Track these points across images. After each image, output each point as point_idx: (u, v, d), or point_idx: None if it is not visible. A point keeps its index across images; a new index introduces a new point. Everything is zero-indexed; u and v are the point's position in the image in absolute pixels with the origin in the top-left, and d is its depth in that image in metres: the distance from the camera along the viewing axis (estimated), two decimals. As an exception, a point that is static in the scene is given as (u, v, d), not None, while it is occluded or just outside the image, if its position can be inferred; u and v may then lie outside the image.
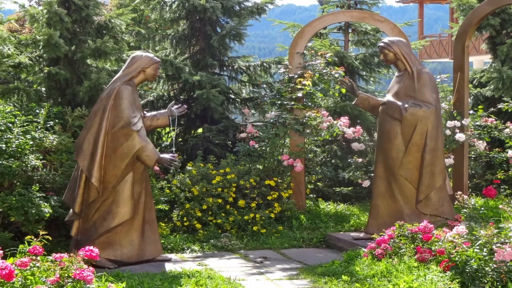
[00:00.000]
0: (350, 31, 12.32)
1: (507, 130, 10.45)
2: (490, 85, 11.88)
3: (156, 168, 9.22)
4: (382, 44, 8.46)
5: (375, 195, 8.50)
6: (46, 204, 7.40)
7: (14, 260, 5.58)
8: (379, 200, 8.45)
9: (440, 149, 8.34)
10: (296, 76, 9.70)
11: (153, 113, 7.87)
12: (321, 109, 9.99)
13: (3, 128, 7.65)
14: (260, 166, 9.62)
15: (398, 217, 7.98)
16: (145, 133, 7.44)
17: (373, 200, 8.53)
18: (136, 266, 7.33)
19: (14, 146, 7.52)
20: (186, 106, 8.07)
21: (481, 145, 10.25)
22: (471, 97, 11.99)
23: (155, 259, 7.61)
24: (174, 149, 8.23)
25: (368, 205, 9.76)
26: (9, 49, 9.37)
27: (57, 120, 8.75)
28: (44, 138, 8.02)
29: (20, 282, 5.34)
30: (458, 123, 9.66)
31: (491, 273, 5.86)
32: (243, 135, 10.07)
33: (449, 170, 9.99)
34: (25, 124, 8.02)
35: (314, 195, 10.67)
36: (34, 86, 9.78)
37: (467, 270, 5.96)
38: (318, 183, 11.16)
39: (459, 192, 7.26)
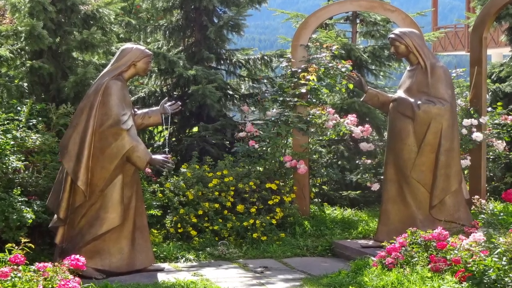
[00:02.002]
0: (358, 21, 12.33)
1: (528, 129, 10.46)
2: (510, 80, 11.90)
3: (148, 170, 9.22)
4: (393, 35, 8.47)
5: (385, 200, 8.51)
6: (28, 209, 7.41)
7: (-6, 270, 5.59)
8: (390, 205, 8.45)
9: (455, 150, 8.34)
10: (299, 70, 9.71)
11: (145, 110, 7.87)
12: (327, 106, 10.00)
13: (-19, 127, 7.67)
14: (260, 168, 9.62)
15: (410, 223, 7.98)
16: (136, 132, 7.44)
17: (383, 205, 8.53)
18: (126, 276, 7.33)
19: (-7, 146, 7.53)
20: (180, 103, 8.08)
21: (500, 145, 10.24)
22: (489, 93, 11.99)
23: (146, 269, 7.61)
24: (167, 149, 8.24)
25: (377, 210, 9.76)
26: (-13, 41, 9.39)
27: (40, 118, 8.75)
28: (26, 138, 8.02)
29: (0, 294, 5.35)
30: (475, 121, 9.65)
31: (511, 283, 5.86)
32: (242, 134, 10.06)
33: (466, 172, 9.99)
34: (5, 122, 8.02)
35: (319, 200, 10.67)
36: (16, 81, 9.78)
37: (485, 281, 5.96)
38: (323, 187, 11.17)
39: (476, 196, 7.24)
